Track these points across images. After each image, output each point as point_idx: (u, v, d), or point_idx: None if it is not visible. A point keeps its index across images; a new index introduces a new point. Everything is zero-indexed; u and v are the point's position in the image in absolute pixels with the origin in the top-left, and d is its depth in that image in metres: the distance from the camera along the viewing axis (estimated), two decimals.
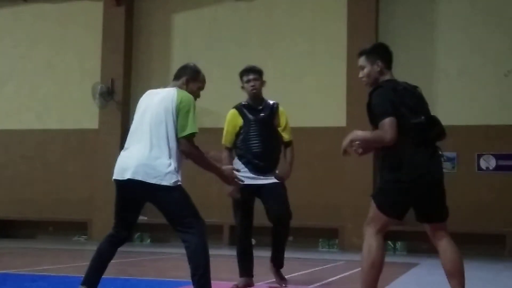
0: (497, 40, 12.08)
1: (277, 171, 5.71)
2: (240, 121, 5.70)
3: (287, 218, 5.63)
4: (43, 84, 14.41)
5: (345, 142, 4.13)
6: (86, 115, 13.98)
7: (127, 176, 4.17)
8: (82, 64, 14.16)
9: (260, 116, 5.69)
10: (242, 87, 5.82)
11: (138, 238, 13.39)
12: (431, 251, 11.49)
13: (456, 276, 4.15)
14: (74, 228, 13.73)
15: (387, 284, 6.42)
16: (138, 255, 9.48)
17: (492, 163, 11.93)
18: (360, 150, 4.12)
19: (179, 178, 4.14)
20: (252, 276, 5.74)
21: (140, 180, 4.11)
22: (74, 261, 8.78)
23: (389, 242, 11.82)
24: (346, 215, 12.15)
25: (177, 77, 4.50)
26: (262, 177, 5.60)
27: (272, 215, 5.60)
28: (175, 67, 16.58)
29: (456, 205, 12.00)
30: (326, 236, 12.43)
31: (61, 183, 13.89)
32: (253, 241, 14.06)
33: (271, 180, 5.62)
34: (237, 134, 5.71)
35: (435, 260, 10.27)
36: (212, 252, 4.17)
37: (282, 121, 5.79)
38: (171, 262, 4.19)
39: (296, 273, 7.16)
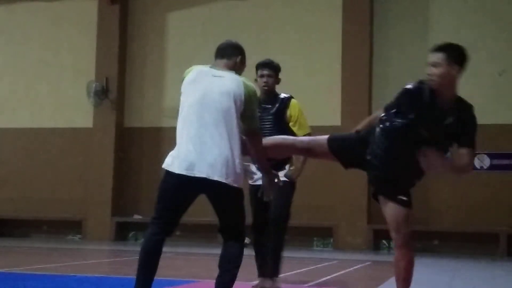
0: (491, 39, 12.11)
1: (287, 168, 5.55)
2: None
3: (279, 221, 5.47)
4: (37, 83, 14.37)
5: (436, 163, 4.01)
6: (80, 114, 13.94)
7: (198, 173, 3.85)
8: (76, 62, 14.13)
9: (269, 111, 5.52)
10: (256, 80, 5.66)
11: (133, 237, 13.38)
12: (425, 250, 11.60)
13: None
14: (68, 227, 13.70)
15: (382, 283, 6.43)
16: (132, 254, 9.47)
17: (487, 162, 11.96)
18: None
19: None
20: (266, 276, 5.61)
21: (212, 180, 3.84)
22: (68, 260, 8.77)
23: (384, 241, 11.84)
24: (340, 214, 12.17)
25: (228, 55, 4.15)
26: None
27: (269, 216, 5.53)
28: (169, 66, 16.49)
29: (451, 204, 12.15)
30: (321, 235, 12.44)
31: (55, 182, 13.86)
32: (247, 240, 14.06)
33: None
34: None
35: (429, 259, 10.32)
36: (206, 251, 4.16)
37: (293, 114, 5.56)
38: (165, 261, 4.17)
39: (291, 272, 7.16)
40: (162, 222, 3.99)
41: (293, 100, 5.63)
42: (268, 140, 4.50)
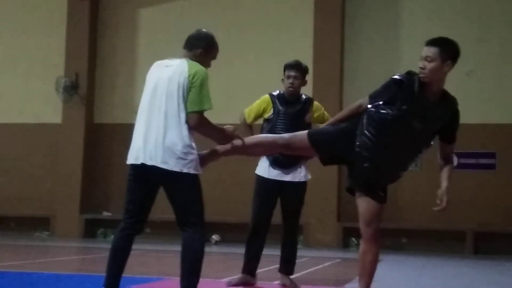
0: (461, 38, 12.19)
1: (303, 169, 5.67)
2: (268, 108, 5.66)
3: (296, 222, 5.79)
4: (5, 77, 14.12)
5: (446, 198, 4.27)
6: (49, 109, 13.77)
7: (141, 160, 3.93)
8: (46, 57, 13.93)
9: (290, 110, 5.62)
10: (282, 80, 5.77)
11: (102, 234, 13.26)
12: (394, 248, 11.72)
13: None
14: (36, 224, 13.52)
15: (350, 280, 6.47)
16: (101, 251, 9.39)
17: (454, 161, 12.11)
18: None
19: (199, 166, 3.96)
20: (254, 275, 5.68)
21: (155, 166, 3.88)
22: (36, 257, 8.67)
23: (353, 239, 11.93)
24: (311, 212, 12.21)
25: (190, 47, 4.18)
26: (284, 171, 5.59)
27: (283, 219, 5.71)
28: (141, 63, 16.34)
29: (419, 202, 12.27)
30: None
31: (23, 178, 13.66)
32: (218, 237, 13.93)
33: (293, 178, 5.62)
34: (265, 120, 5.66)
35: (398, 256, 10.42)
36: (176, 248, 4.14)
37: (318, 114, 5.72)
38: (133, 259, 4.15)
39: (261, 269, 7.17)
40: (129, 216, 4.03)
41: (315, 102, 5.80)
42: (248, 139, 4.51)
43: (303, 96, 5.77)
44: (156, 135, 3.93)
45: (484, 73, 12.33)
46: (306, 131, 4.36)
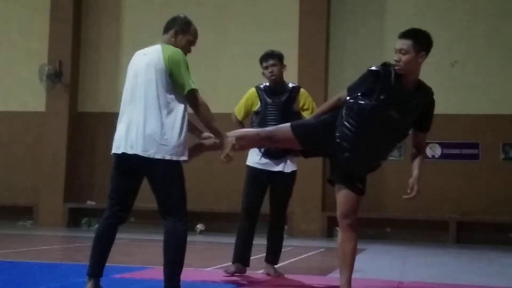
0: (446, 29, 12.31)
1: (288, 162, 5.64)
2: (256, 101, 5.66)
3: (284, 211, 5.83)
4: None
5: (416, 187, 4.33)
6: (32, 97, 13.66)
7: (122, 149, 3.95)
8: (29, 44, 13.80)
9: (278, 100, 5.60)
10: (263, 73, 5.73)
11: (86, 223, 13.22)
12: (378, 237, 11.79)
13: None
14: (19, 213, 13.44)
15: (333, 270, 6.50)
16: (85, 240, 9.37)
17: (438, 151, 12.21)
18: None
19: (185, 153, 3.95)
20: (246, 264, 5.63)
21: (136, 154, 3.89)
22: (18, 247, 8.62)
23: (337, 229, 11.97)
24: (295, 201, 12.23)
25: (165, 30, 4.20)
26: (275, 162, 5.58)
27: (271, 209, 5.74)
28: (125, 50, 16.22)
29: (402, 192, 12.34)
30: None
31: (6, 166, 13.57)
32: (202, 227, 13.92)
33: (284, 168, 5.61)
34: (255, 113, 5.67)
35: (382, 245, 10.48)
36: (160, 237, 4.14)
37: (308, 102, 5.68)
38: (118, 248, 4.16)
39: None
40: (113, 205, 4.04)
41: (302, 90, 5.74)
42: (232, 133, 4.52)
43: (290, 85, 5.76)
44: (137, 124, 3.94)
45: (468, 63, 12.40)
46: (289, 124, 4.41)
